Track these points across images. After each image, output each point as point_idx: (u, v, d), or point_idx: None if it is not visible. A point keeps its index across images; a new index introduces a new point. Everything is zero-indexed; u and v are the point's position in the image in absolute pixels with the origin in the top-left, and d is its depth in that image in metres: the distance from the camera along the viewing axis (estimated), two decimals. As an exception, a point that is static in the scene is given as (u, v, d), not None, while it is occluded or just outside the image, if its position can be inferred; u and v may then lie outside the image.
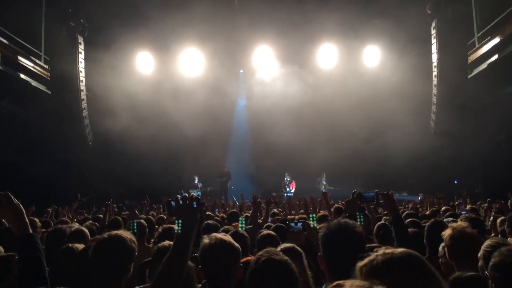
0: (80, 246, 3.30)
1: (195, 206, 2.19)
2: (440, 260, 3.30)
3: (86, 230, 4.37)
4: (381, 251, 1.75)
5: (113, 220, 6.72)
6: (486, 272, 2.49)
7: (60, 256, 3.23)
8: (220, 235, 2.54)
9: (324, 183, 17.58)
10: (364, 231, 3.57)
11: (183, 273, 2.08)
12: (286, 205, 9.77)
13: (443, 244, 3.44)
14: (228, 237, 2.55)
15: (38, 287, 2.36)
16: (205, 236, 2.56)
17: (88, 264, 2.62)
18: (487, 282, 2.41)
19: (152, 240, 4.59)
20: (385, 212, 6.55)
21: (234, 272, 2.44)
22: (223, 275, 2.44)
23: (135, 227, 4.78)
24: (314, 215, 4.02)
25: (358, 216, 3.19)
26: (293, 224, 4.46)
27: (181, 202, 2.20)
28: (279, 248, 2.76)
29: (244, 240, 4.09)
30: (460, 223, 3.66)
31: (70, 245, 3.30)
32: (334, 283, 1.21)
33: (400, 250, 1.61)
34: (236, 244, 2.51)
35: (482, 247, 2.81)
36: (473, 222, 4.31)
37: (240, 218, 5.13)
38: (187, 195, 2.24)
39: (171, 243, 2.24)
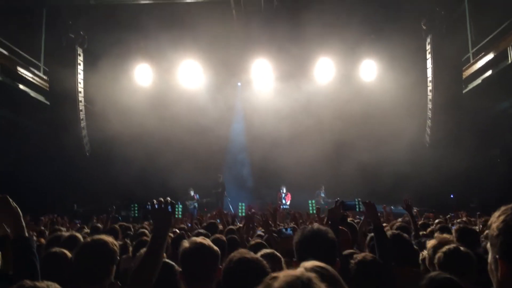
0: (64, 250, 3.35)
1: (169, 210, 2.29)
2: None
3: (80, 236, 4.42)
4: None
5: (111, 228, 6.79)
6: None
7: (44, 261, 3.28)
8: (199, 239, 2.63)
9: (323, 195, 17.61)
10: (345, 239, 3.66)
11: (157, 273, 2.17)
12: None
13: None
14: (207, 241, 2.64)
15: None
16: (184, 240, 2.65)
17: (72, 268, 2.70)
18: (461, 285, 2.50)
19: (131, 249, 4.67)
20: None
21: (214, 273, 2.52)
22: (203, 276, 2.51)
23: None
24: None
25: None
26: (283, 230, 4.64)
27: (156, 206, 2.30)
28: (259, 254, 2.84)
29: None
30: (446, 236, 3.76)
31: (53, 250, 3.36)
32: (270, 276, 1.29)
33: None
34: (215, 247, 2.59)
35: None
36: (466, 233, 4.41)
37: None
38: (162, 199, 2.33)
39: None
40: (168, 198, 2.37)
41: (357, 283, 2.69)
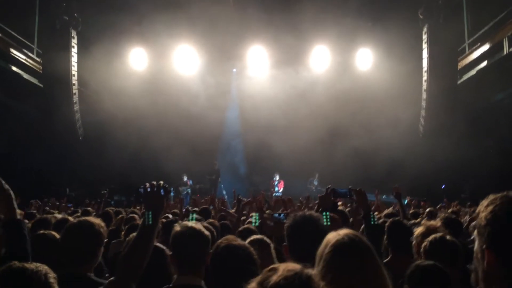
0: (53, 232, 3.36)
1: (162, 193, 2.28)
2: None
3: (71, 219, 4.41)
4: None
5: (104, 213, 6.79)
6: None
7: (32, 243, 3.29)
8: (190, 223, 2.63)
9: (316, 183, 17.68)
10: (336, 226, 3.67)
11: (147, 257, 2.17)
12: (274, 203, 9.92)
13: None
14: (198, 225, 2.64)
15: None
16: (176, 224, 2.66)
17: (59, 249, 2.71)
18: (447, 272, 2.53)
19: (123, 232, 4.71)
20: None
21: (204, 258, 2.53)
22: (194, 260, 2.52)
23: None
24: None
25: (324, 215, 3.25)
26: (276, 215, 4.67)
27: (149, 189, 2.29)
28: (248, 240, 2.85)
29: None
30: (433, 223, 3.79)
31: (41, 231, 3.36)
32: (269, 267, 1.27)
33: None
34: (206, 232, 2.60)
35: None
36: (450, 223, 4.46)
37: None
38: (154, 182, 2.33)
39: None
40: (161, 182, 2.37)
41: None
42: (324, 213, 2.86)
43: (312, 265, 1.54)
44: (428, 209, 8.30)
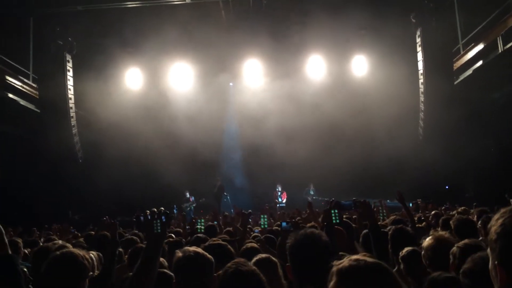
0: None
1: (163, 220, 2.23)
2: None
3: (70, 246, 4.33)
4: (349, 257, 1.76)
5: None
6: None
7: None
8: (192, 248, 2.57)
9: (312, 193, 17.62)
10: (341, 238, 3.61)
11: (151, 284, 2.11)
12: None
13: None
14: (200, 249, 2.58)
15: None
16: (177, 250, 2.59)
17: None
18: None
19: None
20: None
21: (209, 283, 2.46)
22: (198, 286, 2.45)
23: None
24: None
25: (333, 213, 3.16)
26: (284, 224, 4.67)
27: (149, 216, 2.23)
28: (254, 259, 2.78)
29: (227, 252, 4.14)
30: (442, 233, 3.68)
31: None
32: None
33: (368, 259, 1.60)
34: (209, 256, 2.53)
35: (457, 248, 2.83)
36: (463, 225, 4.33)
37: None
38: (155, 210, 2.27)
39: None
40: (162, 208, 2.31)
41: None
42: (332, 211, 2.77)
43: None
44: (433, 212, 8.23)
